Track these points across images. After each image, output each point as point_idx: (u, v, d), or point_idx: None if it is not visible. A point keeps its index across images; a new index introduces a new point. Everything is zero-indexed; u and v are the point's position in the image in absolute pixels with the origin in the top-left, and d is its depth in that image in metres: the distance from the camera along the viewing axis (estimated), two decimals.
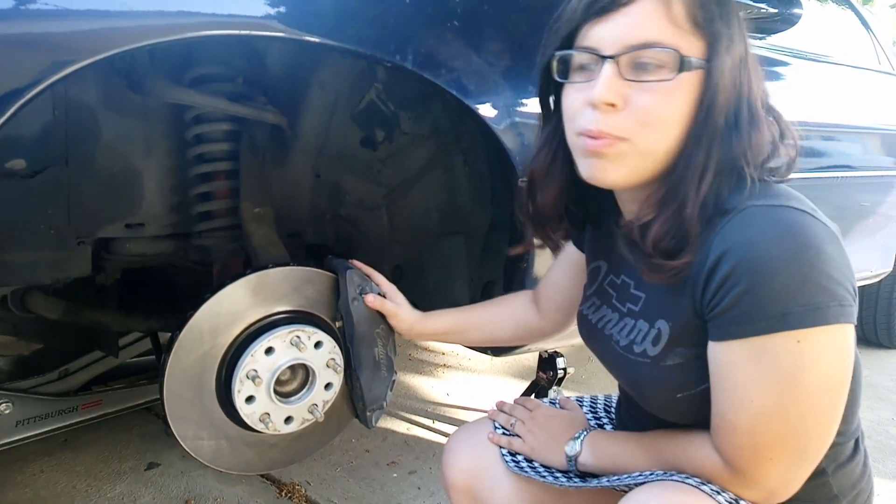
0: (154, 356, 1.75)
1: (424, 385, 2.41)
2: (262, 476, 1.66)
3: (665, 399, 0.74)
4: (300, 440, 1.20)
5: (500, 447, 0.96)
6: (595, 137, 0.69)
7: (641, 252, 0.71)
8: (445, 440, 1.02)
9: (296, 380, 1.13)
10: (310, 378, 1.12)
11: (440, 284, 1.47)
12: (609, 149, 0.69)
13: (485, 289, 1.41)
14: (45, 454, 1.72)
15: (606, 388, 0.94)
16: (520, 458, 0.93)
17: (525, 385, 1.81)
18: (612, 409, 1.03)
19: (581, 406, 1.04)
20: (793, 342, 0.62)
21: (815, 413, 0.65)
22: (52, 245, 1.14)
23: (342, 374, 1.15)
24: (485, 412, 1.04)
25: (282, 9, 0.91)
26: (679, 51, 0.66)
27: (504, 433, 0.97)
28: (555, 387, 1.70)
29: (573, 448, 0.87)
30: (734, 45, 0.69)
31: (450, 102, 1.12)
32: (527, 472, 0.90)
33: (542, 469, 0.91)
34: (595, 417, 1.02)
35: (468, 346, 1.47)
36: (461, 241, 1.43)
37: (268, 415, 1.08)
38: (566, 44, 0.73)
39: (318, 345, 1.11)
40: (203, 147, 1.24)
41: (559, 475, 0.89)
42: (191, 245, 1.32)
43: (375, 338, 1.15)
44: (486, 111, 1.11)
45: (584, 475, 0.87)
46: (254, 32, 0.90)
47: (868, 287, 2.75)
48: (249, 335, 1.08)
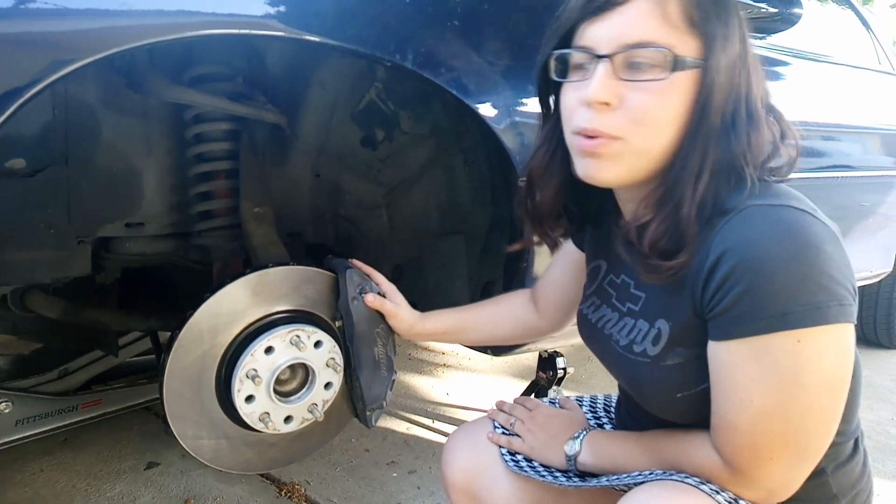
0: (154, 355, 1.75)
1: (424, 385, 2.41)
2: (262, 475, 1.66)
3: (665, 399, 0.74)
4: (300, 440, 1.20)
5: (500, 447, 0.96)
6: (590, 136, 0.70)
7: (638, 253, 0.71)
8: (445, 440, 1.02)
9: (295, 379, 1.13)
10: (309, 377, 1.12)
11: (440, 284, 1.47)
12: (603, 148, 0.69)
13: (485, 288, 1.41)
14: (45, 453, 1.72)
15: (606, 388, 0.94)
16: (519, 458, 0.93)
17: (525, 385, 1.81)
18: (612, 409, 1.03)
19: (581, 406, 1.04)
20: (793, 342, 0.62)
21: (815, 412, 0.64)
22: (52, 244, 1.14)
23: (342, 374, 1.15)
24: (484, 412, 1.04)
25: (282, 8, 0.91)
26: (673, 50, 0.66)
27: (504, 433, 0.97)
28: (554, 386, 1.70)
29: (572, 447, 0.87)
30: (731, 45, 0.68)
31: (450, 102, 1.12)
32: (526, 472, 0.90)
33: (542, 468, 0.91)
34: (595, 417, 1.02)
35: (468, 346, 1.47)
36: (461, 241, 1.43)
37: (267, 414, 1.08)
38: (564, 43, 0.73)
39: (318, 344, 1.11)
40: (203, 146, 1.24)
41: (559, 475, 0.88)
42: (190, 244, 1.32)
43: (375, 337, 1.15)
44: (486, 111, 1.11)
45: (584, 475, 0.87)
46: (254, 32, 0.89)
47: (868, 287, 2.75)
48: (249, 334, 1.08)
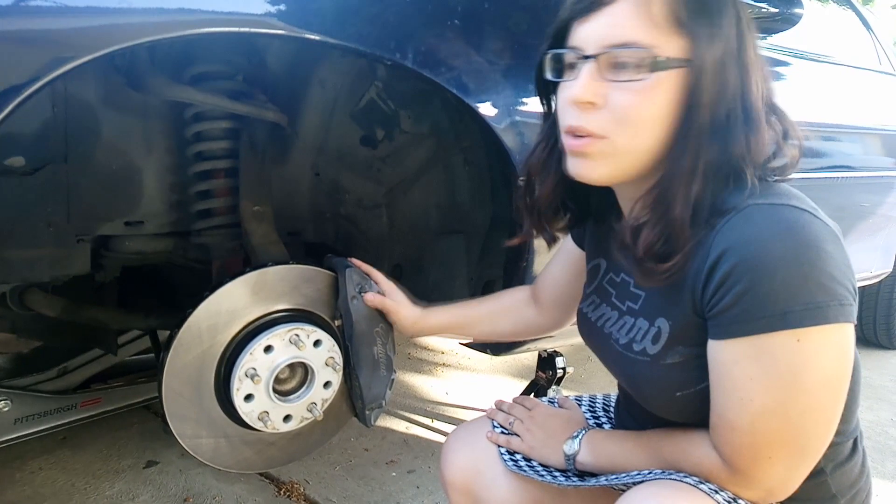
0: (153, 354, 1.75)
1: (423, 384, 2.41)
2: (261, 474, 1.66)
3: (664, 398, 0.74)
4: (299, 439, 1.20)
5: (499, 446, 0.95)
6: (578, 136, 0.71)
7: (633, 256, 0.71)
8: (444, 439, 1.02)
9: (295, 378, 1.13)
10: (309, 376, 1.12)
11: (440, 283, 1.47)
12: (590, 147, 0.71)
13: (484, 288, 1.41)
14: (44, 452, 1.72)
15: (606, 388, 0.94)
16: (518, 458, 0.93)
17: (524, 384, 1.81)
18: (611, 409, 1.03)
19: (580, 405, 1.04)
20: (793, 341, 0.62)
21: (815, 412, 0.64)
22: (52, 242, 1.14)
23: (341, 373, 1.14)
24: (484, 411, 1.04)
25: (282, 6, 0.91)
26: (654, 50, 0.66)
27: (503, 432, 0.97)
28: (554, 386, 1.70)
29: (571, 447, 0.86)
30: (723, 44, 0.67)
31: (450, 101, 1.12)
32: (525, 472, 0.90)
33: (541, 468, 0.91)
34: (594, 417, 1.02)
35: (468, 345, 1.47)
36: (461, 240, 1.43)
37: (266, 413, 1.08)
38: (558, 42, 0.74)
39: (318, 343, 1.11)
40: (203, 145, 1.24)
41: (557, 474, 0.88)
42: (190, 243, 1.32)
43: (375, 336, 1.15)
44: (487, 110, 1.11)
45: (583, 474, 0.87)
46: (254, 30, 0.89)
47: (868, 287, 2.75)
48: (248, 333, 1.08)
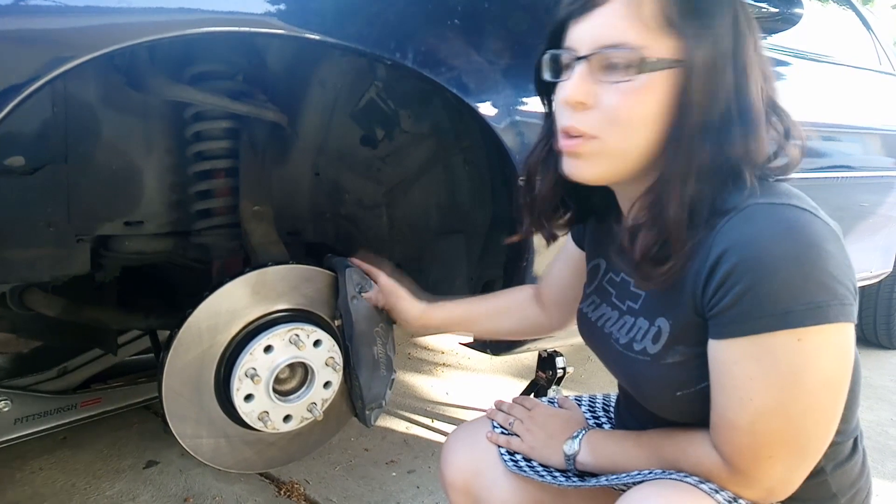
0: (153, 354, 1.75)
1: (424, 384, 2.41)
2: (261, 474, 1.66)
3: (665, 397, 0.74)
4: (299, 439, 1.20)
5: (499, 446, 0.95)
6: (571, 136, 0.72)
7: (631, 259, 0.71)
8: (445, 439, 1.02)
9: (295, 378, 1.13)
10: (309, 376, 1.12)
11: (440, 283, 1.47)
12: (581, 147, 0.71)
13: (484, 287, 1.41)
14: (44, 452, 1.72)
15: (606, 388, 0.94)
16: (518, 458, 0.93)
17: (524, 384, 1.81)
18: (611, 409, 1.03)
19: (580, 405, 1.04)
20: (794, 340, 0.62)
21: (815, 412, 0.64)
22: (52, 242, 1.14)
23: (341, 373, 1.15)
24: (484, 411, 1.04)
25: (282, 6, 0.91)
26: (643, 51, 0.66)
27: (503, 432, 0.97)
28: (554, 386, 1.70)
29: (572, 447, 0.86)
30: (717, 44, 0.66)
31: (450, 101, 1.12)
32: (525, 472, 0.90)
33: (541, 468, 0.90)
34: (594, 417, 1.02)
35: (468, 344, 1.47)
36: (461, 240, 1.43)
37: (266, 413, 1.08)
38: (555, 42, 0.74)
39: (317, 343, 1.11)
40: (203, 145, 1.24)
41: (558, 475, 0.88)
42: (190, 243, 1.32)
43: (374, 336, 1.15)
44: (487, 110, 1.11)
45: (583, 474, 0.87)
46: (254, 30, 0.89)
47: (868, 287, 2.75)
48: (248, 333, 1.08)
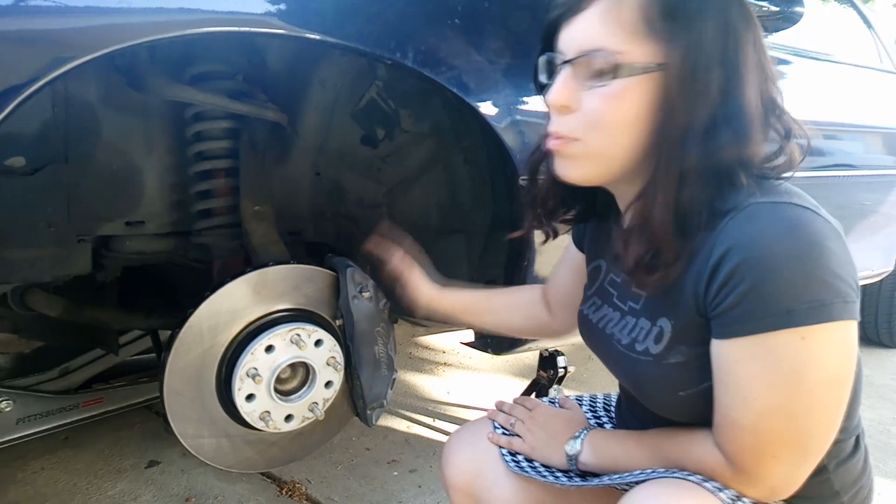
0: (154, 354, 1.75)
1: (425, 383, 2.41)
2: (263, 474, 1.66)
3: (667, 397, 0.74)
4: (300, 438, 1.20)
5: (501, 447, 0.95)
6: (557, 137, 0.73)
7: (624, 265, 0.72)
8: (446, 438, 1.02)
9: (296, 378, 1.13)
10: (310, 376, 1.12)
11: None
12: (565, 148, 0.73)
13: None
14: (46, 452, 1.72)
15: (607, 387, 0.94)
16: (520, 458, 0.93)
17: (526, 383, 1.81)
18: (612, 408, 1.03)
19: (580, 405, 1.04)
20: (797, 339, 0.62)
21: (819, 410, 0.64)
22: (53, 242, 1.14)
23: (342, 373, 1.15)
24: (485, 411, 1.04)
25: (282, 6, 0.91)
26: (619, 56, 0.66)
27: (504, 433, 0.97)
28: (555, 385, 1.70)
29: (573, 447, 0.86)
30: (701, 47, 0.66)
31: (450, 100, 1.12)
32: (527, 472, 0.90)
33: (543, 468, 0.90)
34: (595, 416, 1.02)
35: (469, 344, 1.47)
36: (461, 240, 1.43)
37: (268, 413, 1.08)
38: (548, 44, 0.75)
39: (319, 343, 1.11)
40: (203, 145, 1.24)
41: (559, 475, 0.88)
42: (191, 243, 1.32)
43: (376, 336, 1.15)
44: (487, 109, 1.11)
45: (585, 474, 0.87)
46: (254, 29, 0.89)
47: (869, 286, 2.75)
48: (249, 333, 1.08)
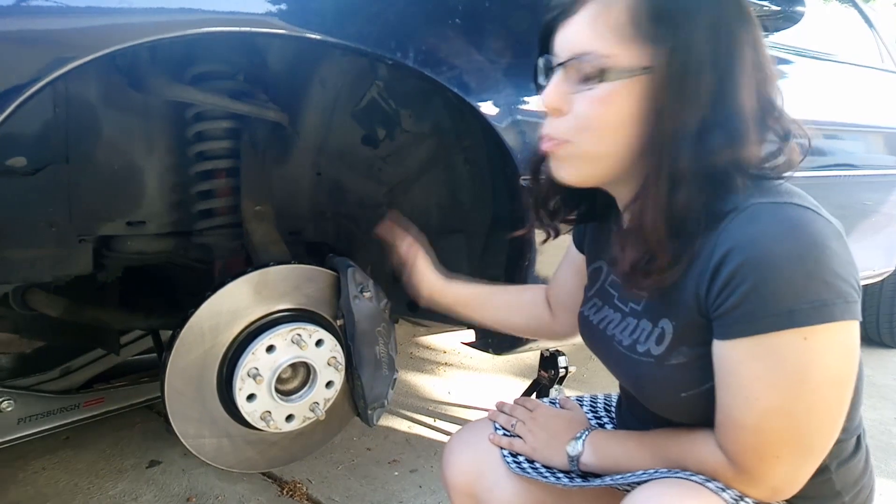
0: (155, 354, 1.75)
1: (426, 383, 2.41)
2: (264, 474, 1.66)
3: (669, 398, 0.74)
4: (301, 438, 1.20)
5: (502, 448, 0.95)
6: (549, 139, 0.74)
7: (620, 268, 0.72)
8: (447, 439, 1.02)
9: (297, 378, 1.13)
10: (311, 376, 1.12)
11: None
12: (557, 150, 0.74)
13: None
14: (47, 452, 1.72)
15: (608, 387, 0.94)
16: (521, 459, 0.93)
17: (527, 384, 1.81)
18: (613, 409, 1.03)
19: (581, 405, 1.04)
20: (799, 339, 0.62)
21: (821, 410, 0.64)
22: (53, 242, 1.14)
23: (343, 373, 1.14)
24: (486, 410, 1.04)
25: (283, 6, 0.91)
26: (607, 60, 0.67)
27: (505, 434, 0.97)
28: (556, 385, 1.70)
29: (575, 448, 0.86)
30: (690, 50, 0.65)
31: (451, 100, 1.12)
32: (528, 473, 0.90)
33: (544, 469, 0.90)
34: (595, 417, 1.02)
35: (470, 344, 1.47)
36: (462, 240, 1.43)
37: (269, 413, 1.08)
38: (545, 46, 0.76)
39: (320, 343, 1.11)
40: (204, 145, 1.24)
41: (561, 475, 0.88)
42: (191, 243, 1.32)
43: (377, 336, 1.15)
44: (488, 109, 1.11)
45: (586, 475, 0.86)
46: (255, 29, 0.89)
47: (870, 286, 2.74)
48: (250, 333, 1.08)
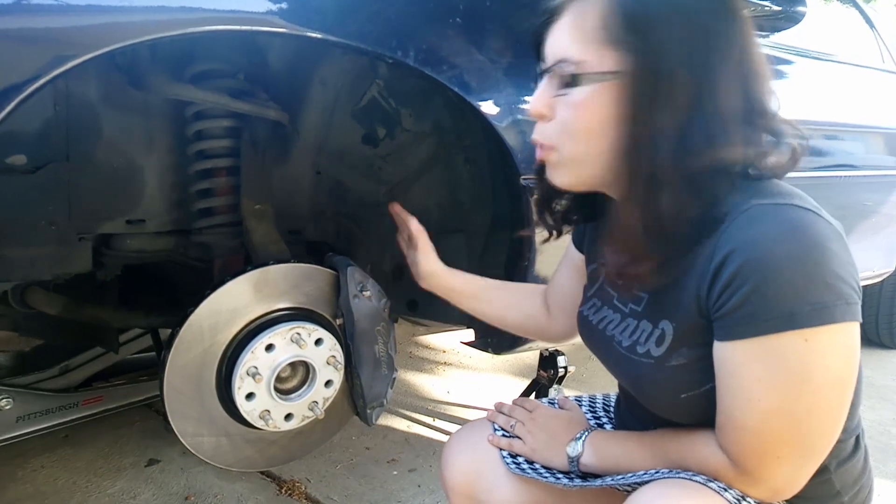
0: (154, 353, 1.75)
1: (425, 383, 2.41)
2: (263, 473, 1.66)
3: (669, 399, 0.74)
4: (300, 437, 1.20)
5: (501, 449, 0.95)
6: (538, 145, 0.76)
7: (611, 269, 0.74)
8: (446, 438, 1.02)
9: (296, 377, 1.13)
10: (310, 375, 1.12)
11: None
12: (546, 155, 0.76)
13: None
14: (46, 450, 1.72)
15: (607, 387, 0.94)
16: (520, 459, 0.93)
17: (526, 383, 1.81)
18: (612, 409, 1.03)
19: (580, 406, 1.04)
20: (800, 341, 0.62)
21: (822, 412, 0.64)
22: (53, 241, 1.14)
23: (342, 372, 1.14)
24: (485, 410, 1.04)
25: (283, 4, 0.91)
26: (582, 65, 0.69)
27: (504, 435, 0.97)
28: (555, 385, 1.70)
29: (575, 449, 0.86)
30: (664, 54, 0.65)
31: (452, 99, 1.12)
32: (528, 473, 0.90)
33: (543, 469, 0.90)
34: (594, 417, 1.02)
35: (469, 343, 1.46)
36: (461, 240, 1.42)
37: (268, 412, 1.08)
38: (538, 52, 0.77)
39: (319, 342, 1.11)
40: (204, 143, 1.24)
41: (560, 475, 0.88)
42: (191, 241, 1.32)
43: (376, 335, 1.15)
44: (489, 108, 1.11)
45: (586, 475, 0.86)
46: (255, 28, 0.89)
47: (870, 287, 2.74)
48: (250, 332, 1.08)
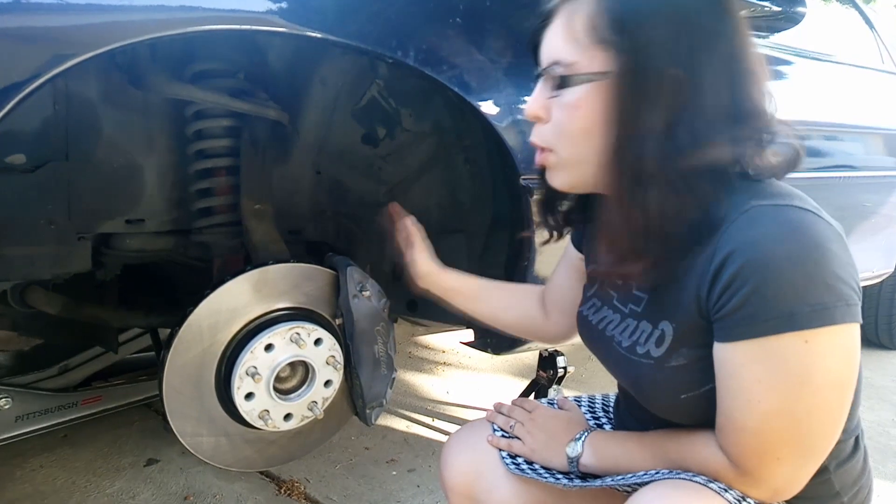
0: (154, 352, 1.75)
1: (424, 383, 2.41)
2: (262, 473, 1.66)
3: (669, 400, 0.74)
4: (299, 437, 1.20)
5: (500, 449, 0.95)
6: (536, 148, 0.77)
7: (604, 268, 0.75)
8: (445, 438, 1.02)
9: (295, 377, 1.13)
10: (309, 375, 1.12)
11: None
12: (545, 158, 0.77)
13: None
14: (45, 449, 1.72)
15: (607, 387, 0.94)
16: (520, 460, 0.93)
17: (525, 383, 1.81)
18: (611, 409, 1.03)
19: (579, 406, 1.04)
20: (801, 342, 0.61)
21: (823, 413, 0.64)
22: (52, 240, 1.14)
23: (342, 372, 1.14)
24: (485, 410, 1.04)
25: (283, 4, 0.91)
26: (571, 66, 0.69)
27: (503, 435, 0.96)
28: (555, 385, 1.70)
29: (574, 449, 0.86)
30: (651, 55, 0.65)
31: (452, 99, 1.12)
32: (527, 473, 0.89)
33: (543, 470, 0.90)
34: (594, 417, 1.01)
35: (469, 343, 1.46)
36: (461, 240, 1.42)
37: (267, 412, 1.08)
38: (535, 55, 0.78)
39: (318, 342, 1.11)
40: (203, 143, 1.24)
41: (560, 476, 0.88)
42: (191, 241, 1.32)
43: (375, 335, 1.15)
44: (489, 108, 1.11)
45: (585, 475, 0.86)
46: (255, 28, 0.89)
47: (869, 288, 2.75)
48: (249, 332, 1.08)
